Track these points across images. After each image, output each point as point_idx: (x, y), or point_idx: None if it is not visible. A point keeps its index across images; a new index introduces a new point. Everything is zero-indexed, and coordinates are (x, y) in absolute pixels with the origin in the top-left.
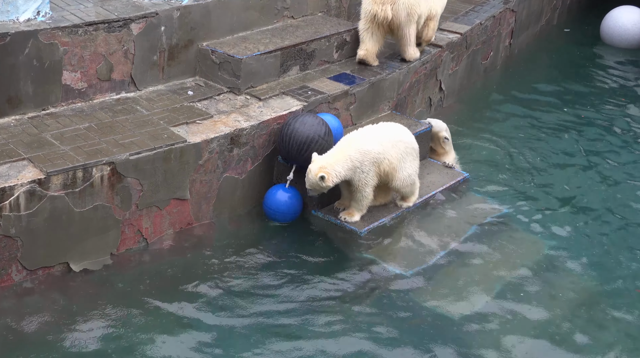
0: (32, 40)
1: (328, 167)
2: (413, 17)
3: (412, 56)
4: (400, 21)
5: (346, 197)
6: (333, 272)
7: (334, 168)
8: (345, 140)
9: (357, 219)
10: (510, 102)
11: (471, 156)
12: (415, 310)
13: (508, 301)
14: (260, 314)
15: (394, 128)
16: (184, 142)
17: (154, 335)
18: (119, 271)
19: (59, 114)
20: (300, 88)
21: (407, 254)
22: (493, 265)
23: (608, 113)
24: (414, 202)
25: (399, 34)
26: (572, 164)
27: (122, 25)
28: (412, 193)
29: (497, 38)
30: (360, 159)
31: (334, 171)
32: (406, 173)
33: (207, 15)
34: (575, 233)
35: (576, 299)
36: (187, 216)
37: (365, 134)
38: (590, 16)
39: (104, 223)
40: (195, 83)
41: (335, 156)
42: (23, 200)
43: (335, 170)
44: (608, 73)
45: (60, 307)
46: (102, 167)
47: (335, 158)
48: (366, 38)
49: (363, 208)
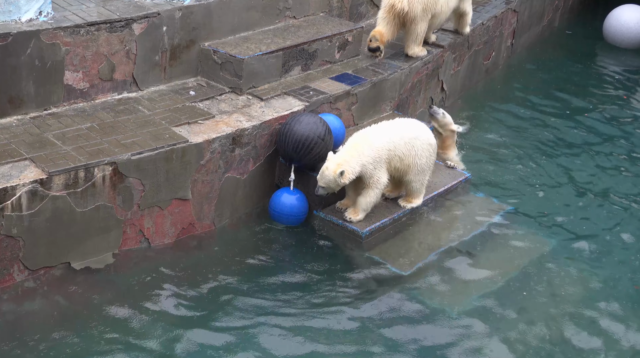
0: (34, 41)
1: (344, 164)
2: (427, 14)
3: (416, 53)
4: (416, 15)
5: (350, 197)
6: (335, 272)
7: (349, 164)
8: (358, 136)
9: (362, 218)
10: (512, 103)
11: (473, 156)
12: (418, 308)
13: (510, 299)
14: (262, 314)
15: (409, 125)
16: (185, 142)
17: (154, 335)
18: (120, 271)
19: (60, 114)
20: (302, 88)
21: (409, 253)
22: (495, 263)
23: (611, 112)
24: (417, 204)
25: (410, 29)
26: (575, 164)
27: (124, 26)
28: (420, 193)
29: (499, 38)
30: (372, 155)
31: (350, 166)
32: (419, 168)
33: (208, 16)
34: (577, 232)
35: (578, 297)
36: (189, 216)
37: (377, 130)
38: (592, 16)
39: (105, 223)
40: (197, 83)
41: (349, 152)
42: (25, 200)
43: (351, 166)
44: (611, 72)
45: (62, 307)
46: (104, 167)
47: (350, 154)
48: (382, 26)
49: (369, 208)
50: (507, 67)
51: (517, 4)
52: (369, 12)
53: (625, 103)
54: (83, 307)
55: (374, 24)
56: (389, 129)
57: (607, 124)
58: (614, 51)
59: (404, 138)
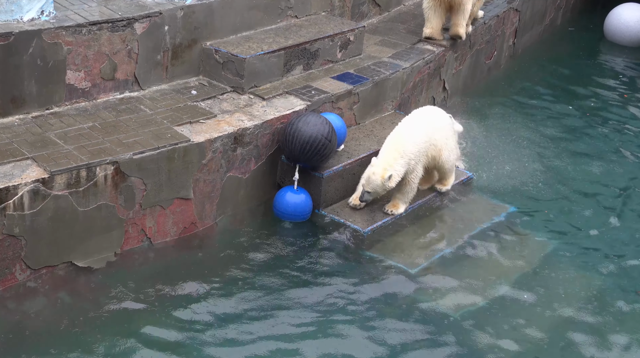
0: (36, 40)
1: (389, 168)
2: None
3: (467, 32)
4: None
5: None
6: (337, 270)
7: (394, 167)
8: (395, 137)
9: (403, 211)
10: (514, 102)
11: (475, 156)
12: (420, 307)
13: (512, 300)
14: (264, 313)
15: (431, 112)
16: (187, 141)
17: (156, 334)
18: (122, 270)
19: (62, 114)
20: (303, 88)
21: (411, 252)
22: (497, 264)
23: (613, 111)
24: (452, 184)
25: (460, 10)
26: (578, 164)
27: (126, 25)
28: (452, 172)
29: (501, 38)
30: (415, 151)
31: (395, 170)
32: (450, 149)
33: (210, 15)
34: (579, 233)
35: (580, 299)
36: (191, 216)
37: (410, 126)
38: (594, 15)
39: (107, 223)
40: (199, 82)
41: (391, 155)
42: (27, 199)
43: (396, 169)
44: (612, 71)
45: (64, 306)
46: (106, 166)
47: (392, 156)
48: (430, 16)
49: (409, 200)
50: (509, 66)
51: (519, 3)
52: (371, 12)
53: (629, 101)
54: (85, 306)
55: (376, 23)
56: (419, 122)
57: (610, 123)
58: (615, 49)
59: (434, 125)
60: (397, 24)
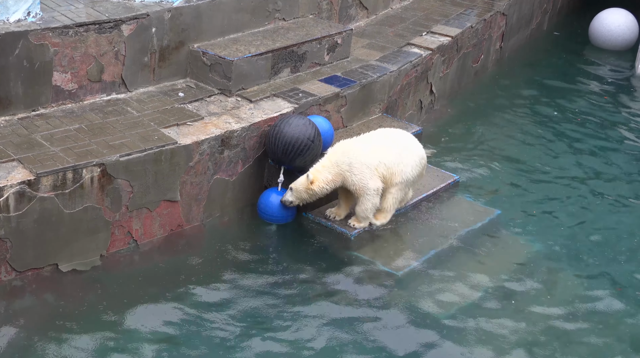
0: (23, 41)
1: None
2: None
3: None
4: None
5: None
6: (323, 272)
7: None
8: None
9: (365, 225)
10: (501, 105)
11: (461, 159)
12: (406, 309)
13: (497, 301)
14: (251, 315)
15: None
16: (174, 144)
17: (143, 336)
18: (108, 273)
19: (49, 115)
20: (291, 90)
21: (397, 255)
22: (482, 266)
23: (597, 114)
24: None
25: None
26: (564, 167)
27: (113, 27)
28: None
29: (488, 41)
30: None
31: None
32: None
33: (198, 17)
34: (565, 235)
35: (563, 300)
36: (178, 218)
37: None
38: (580, 19)
39: (93, 225)
40: (186, 85)
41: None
42: (12, 201)
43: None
44: (597, 75)
45: (49, 308)
46: (92, 168)
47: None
48: None
49: (367, 215)
50: (496, 70)
51: (506, 7)
52: (358, 15)
53: (613, 104)
54: (71, 309)
55: (364, 26)
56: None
57: (595, 126)
58: (600, 53)
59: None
60: (385, 27)
